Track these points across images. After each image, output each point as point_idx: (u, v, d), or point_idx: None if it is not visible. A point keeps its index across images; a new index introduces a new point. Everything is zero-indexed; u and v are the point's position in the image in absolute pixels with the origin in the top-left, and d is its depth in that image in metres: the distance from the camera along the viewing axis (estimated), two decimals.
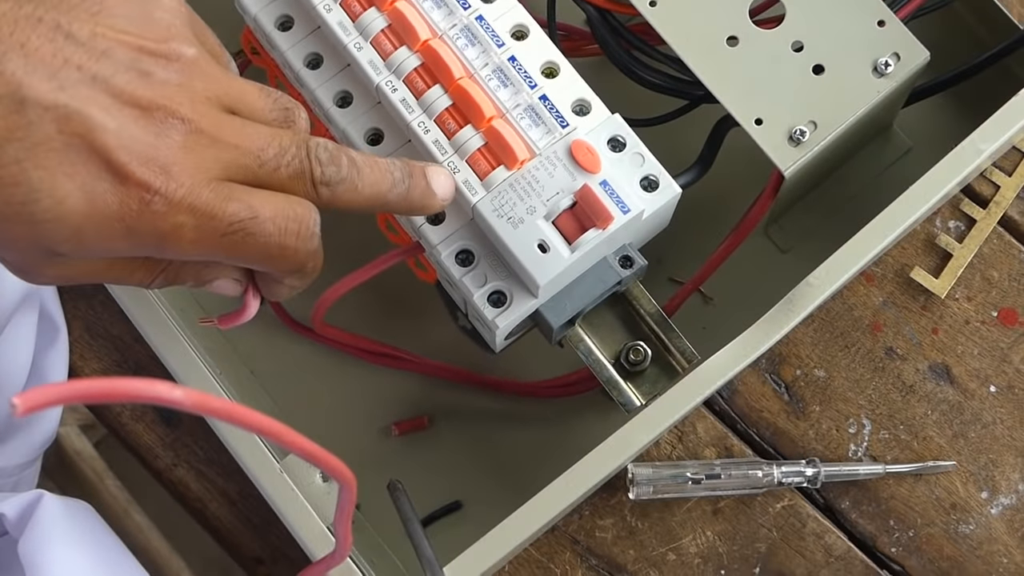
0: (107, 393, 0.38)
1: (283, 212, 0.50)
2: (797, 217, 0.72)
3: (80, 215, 0.46)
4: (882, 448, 0.69)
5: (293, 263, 0.52)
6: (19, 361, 0.69)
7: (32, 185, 0.46)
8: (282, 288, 0.55)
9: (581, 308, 0.61)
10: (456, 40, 0.61)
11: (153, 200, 0.47)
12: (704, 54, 0.64)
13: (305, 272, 0.54)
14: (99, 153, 0.46)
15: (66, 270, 0.50)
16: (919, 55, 0.64)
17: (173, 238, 0.48)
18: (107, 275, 0.52)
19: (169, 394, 0.38)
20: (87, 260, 0.50)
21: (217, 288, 0.55)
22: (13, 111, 0.45)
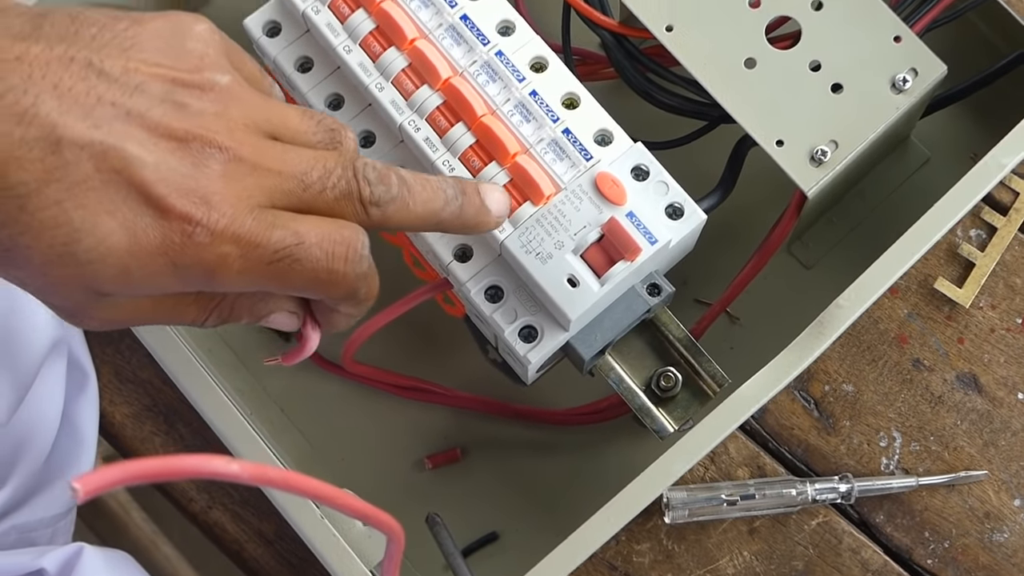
0: (166, 472, 0.38)
1: (329, 236, 0.49)
2: (819, 232, 0.72)
3: (124, 252, 0.46)
4: (914, 460, 0.69)
5: (344, 288, 0.51)
6: (51, 409, 0.69)
7: (74, 225, 0.45)
8: (338, 317, 0.54)
9: (611, 338, 0.61)
10: (477, 77, 0.61)
11: (195, 232, 0.46)
12: (722, 78, 0.64)
13: (358, 298, 0.52)
14: (138, 188, 0.46)
15: (116, 312, 0.49)
16: (936, 69, 0.64)
17: (220, 269, 0.48)
18: (158, 315, 0.51)
19: (227, 468, 0.39)
20: (136, 300, 0.49)
21: (274, 322, 0.54)
22: (50, 152, 0.45)
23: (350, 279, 0.50)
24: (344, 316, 0.54)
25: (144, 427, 0.72)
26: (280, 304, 0.53)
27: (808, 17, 0.64)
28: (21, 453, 0.68)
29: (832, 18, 0.64)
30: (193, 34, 0.49)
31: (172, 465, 0.38)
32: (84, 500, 0.37)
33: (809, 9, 0.65)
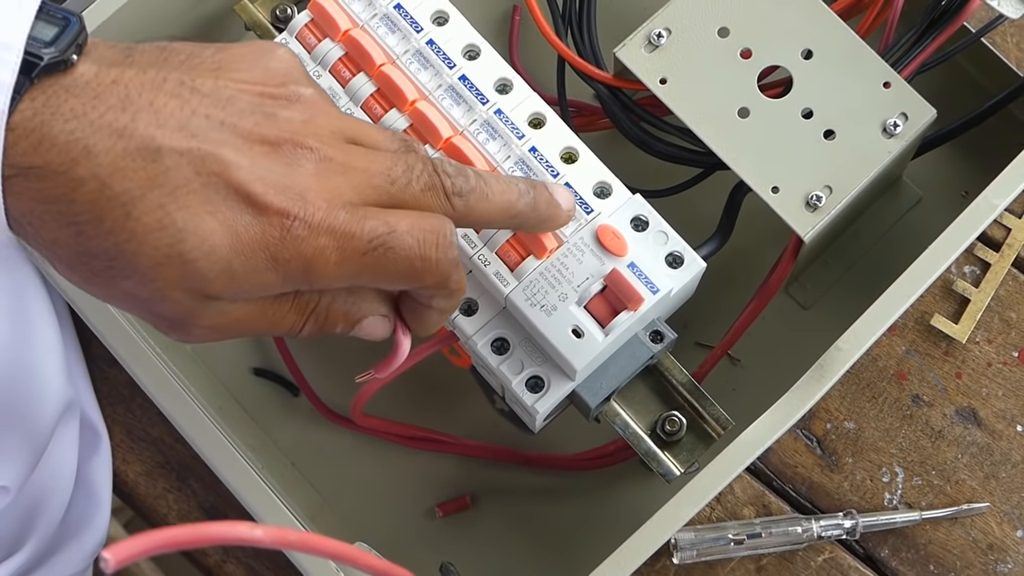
0: (193, 539, 0.39)
1: (419, 225, 0.51)
2: (816, 274, 0.73)
3: (227, 248, 0.48)
4: (916, 495, 0.70)
5: (436, 276, 0.52)
6: (65, 471, 0.70)
7: (177, 227, 0.47)
8: (431, 314, 0.55)
9: (616, 386, 0.62)
10: (477, 135, 0.62)
11: (293, 225, 0.48)
12: (717, 127, 0.65)
13: (450, 288, 0.54)
14: (236, 188, 0.48)
15: (220, 318, 0.50)
16: (926, 113, 0.65)
17: (318, 262, 0.49)
18: (259, 322, 0.52)
19: (250, 534, 0.40)
20: (239, 305, 0.50)
21: (367, 329, 0.55)
22: (150, 161, 0.47)
23: (443, 266, 0.52)
24: (437, 312, 0.55)
25: (157, 484, 0.73)
26: (373, 307, 0.54)
27: (798, 66, 0.66)
28: (37, 515, 0.69)
29: (822, 66, 0.66)
30: (275, 56, 0.52)
31: (198, 533, 0.40)
32: (115, 569, 0.38)
33: (799, 58, 0.66)
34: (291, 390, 0.73)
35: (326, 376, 0.73)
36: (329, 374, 0.73)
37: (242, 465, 0.65)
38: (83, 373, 0.74)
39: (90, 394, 0.73)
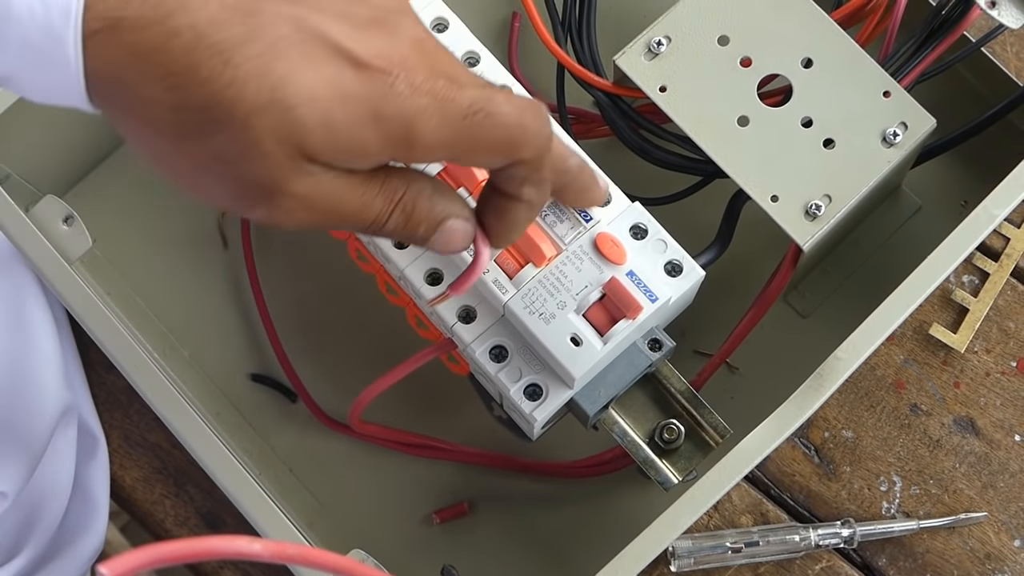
0: (191, 554, 0.39)
1: (515, 97, 0.51)
2: (815, 282, 0.73)
3: (328, 98, 0.46)
4: (914, 504, 0.70)
5: (533, 148, 0.51)
6: (62, 476, 0.70)
7: (278, 74, 0.45)
8: (518, 210, 0.54)
9: (615, 394, 0.62)
10: None
11: (396, 83, 0.47)
12: (717, 136, 0.65)
13: (542, 174, 0.52)
14: (336, 47, 0.47)
15: (311, 188, 0.48)
16: (926, 123, 0.65)
17: (419, 123, 0.48)
18: (349, 200, 0.49)
19: (249, 548, 0.40)
20: (331, 177, 0.48)
21: (447, 234, 0.53)
22: (248, 15, 0.46)
23: (540, 138, 0.51)
24: (525, 208, 0.53)
25: (154, 490, 0.73)
26: (456, 207, 0.53)
27: (798, 74, 0.66)
28: (35, 521, 0.69)
29: (822, 75, 0.66)
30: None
31: (197, 547, 0.39)
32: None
33: (799, 67, 0.66)
34: (289, 396, 0.73)
35: (324, 383, 0.73)
36: (327, 381, 0.73)
37: (239, 471, 0.65)
38: (81, 378, 0.74)
39: (88, 399, 0.74)
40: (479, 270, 0.55)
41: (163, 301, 0.75)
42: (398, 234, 0.52)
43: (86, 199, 0.75)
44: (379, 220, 0.51)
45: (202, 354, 0.74)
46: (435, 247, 0.53)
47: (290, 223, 0.49)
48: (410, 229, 0.52)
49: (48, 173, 0.73)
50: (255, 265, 0.74)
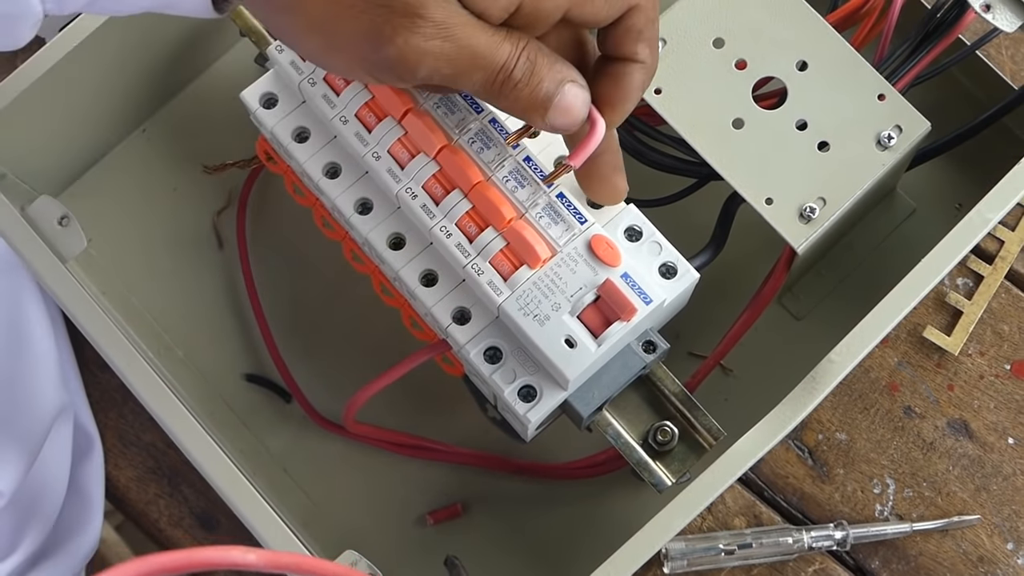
0: (184, 565, 0.39)
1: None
2: (809, 284, 0.73)
3: None
4: (907, 506, 0.70)
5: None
6: (58, 475, 0.70)
7: None
8: (635, 71, 0.54)
9: (609, 396, 0.62)
10: (471, 144, 0.62)
11: None
12: (711, 138, 0.65)
13: (655, 18, 0.53)
14: None
15: (447, 17, 0.49)
16: (920, 126, 0.65)
17: None
18: (480, 37, 0.50)
19: (243, 558, 0.40)
20: (465, 14, 0.49)
21: (568, 99, 0.52)
22: None
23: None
24: (640, 69, 0.54)
25: (148, 490, 0.73)
26: (575, 73, 0.53)
27: (793, 77, 0.66)
28: (31, 519, 0.69)
29: (817, 78, 0.66)
30: None
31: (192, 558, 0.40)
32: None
33: (794, 70, 0.66)
34: (283, 397, 0.73)
35: (319, 383, 0.73)
36: (322, 381, 0.73)
37: (233, 471, 0.65)
38: (76, 378, 0.74)
39: (83, 399, 0.74)
40: (596, 137, 0.55)
41: (158, 301, 0.75)
42: (522, 89, 0.52)
43: (82, 199, 0.76)
44: (508, 64, 0.51)
45: (197, 354, 0.74)
46: (554, 116, 0.53)
47: (423, 60, 0.49)
48: (533, 84, 0.52)
49: (44, 173, 0.73)
50: (250, 265, 0.74)
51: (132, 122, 0.76)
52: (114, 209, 0.76)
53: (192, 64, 0.76)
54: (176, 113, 0.77)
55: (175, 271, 0.75)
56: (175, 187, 0.76)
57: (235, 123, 0.70)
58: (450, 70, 0.50)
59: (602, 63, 0.55)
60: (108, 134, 0.76)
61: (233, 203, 0.75)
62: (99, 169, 0.76)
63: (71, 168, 0.76)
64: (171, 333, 0.74)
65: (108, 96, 0.73)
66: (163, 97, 0.76)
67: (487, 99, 0.53)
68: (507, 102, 0.52)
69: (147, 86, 0.74)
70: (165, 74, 0.75)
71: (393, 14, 0.48)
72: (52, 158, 0.74)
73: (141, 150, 0.77)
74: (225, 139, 0.74)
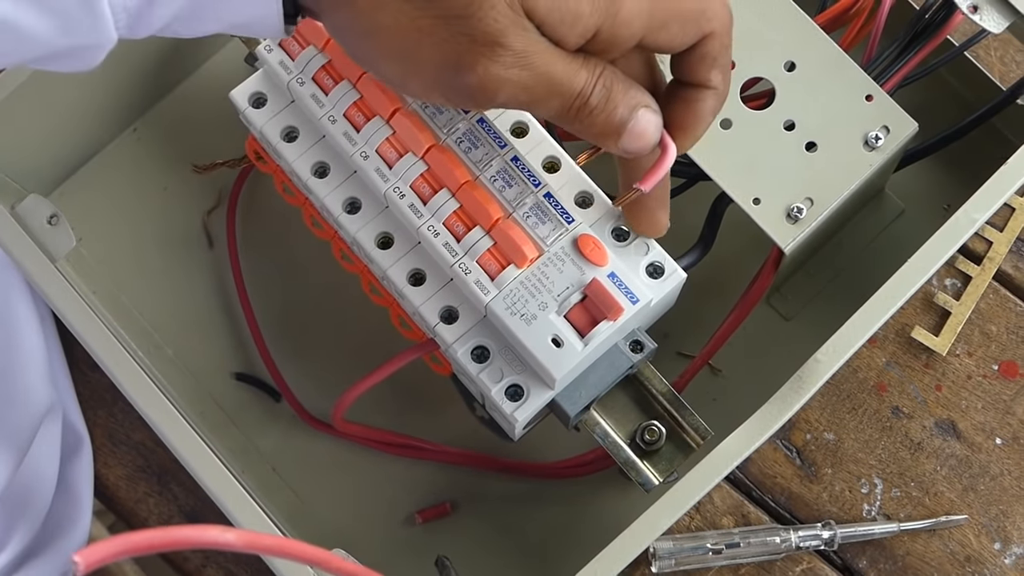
0: (163, 543, 0.39)
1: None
2: (798, 284, 0.73)
3: None
4: (895, 506, 0.70)
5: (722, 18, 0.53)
6: (48, 473, 0.71)
7: None
8: (707, 97, 0.55)
9: (596, 395, 0.63)
10: (459, 143, 0.62)
11: None
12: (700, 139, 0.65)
13: (728, 44, 0.54)
14: None
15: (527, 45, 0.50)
16: (908, 126, 0.65)
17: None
18: (558, 65, 0.51)
19: (222, 538, 0.40)
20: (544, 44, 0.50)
21: (641, 124, 0.53)
22: None
23: (727, 9, 0.54)
24: (713, 95, 0.55)
25: (138, 488, 0.73)
26: (648, 99, 0.54)
27: (781, 78, 0.66)
28: (19, 516, 0.69)
29: (805, 79, 0.66)
30: None
31: (169, 537, 0.40)
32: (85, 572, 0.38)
33: (782, 70, 0.66)
34: (273, 396, 0.74)
35: (308, 382, 0.73)
36: (311, 380, 0.73)
37: (220, 469, 0.65)
38: (66, 376, 0.74)
39: (72, 397, 0.74)
40: (668, 162, 0.55)
41: (148, 300, 0.75)
42: (598, 115, 0.53)
43: (72, 198, 0.76)
44: (584, 91, 0.52)
45: (186, 353, 0.74)
46: (627, 140, 0.54)
47: (502, 88, 0.50)
48: (609, 109, 0.52)
49: (34, 172, 0.73)
50: (240, 264, 0.74)
51: (123, 121, 0.76)
52: (105, 208, 0.76)
53: (183, 64, 0.76)
54: (167, 113, 0.77)
55: (165, 270, 0.75)
56: (165, 186, 0.76)
57: (225, 123, 0.70)
58: (527, 97, 0.51)
59: (674, 88, 0.55)
60: (99, 133, 0.76)
61: (223, 202, 0.75)
62: (90, 168, 0.77)
63: (62, 167, 0.76)
64: (161, 332, 0.74)
65: (99, 95, 0.74)
66: (154, 97, 0.77)
67: (562, 124, 0.53)
68: (582, 127, 0.53)
69: (138, 86, 0.75)
70: (156, 74, 0.75)
71: (474, 43, 0.49)
72: (43, 157, 0.74)
73: (132, 149, 0.77)
74: (215, 138, 0.74)
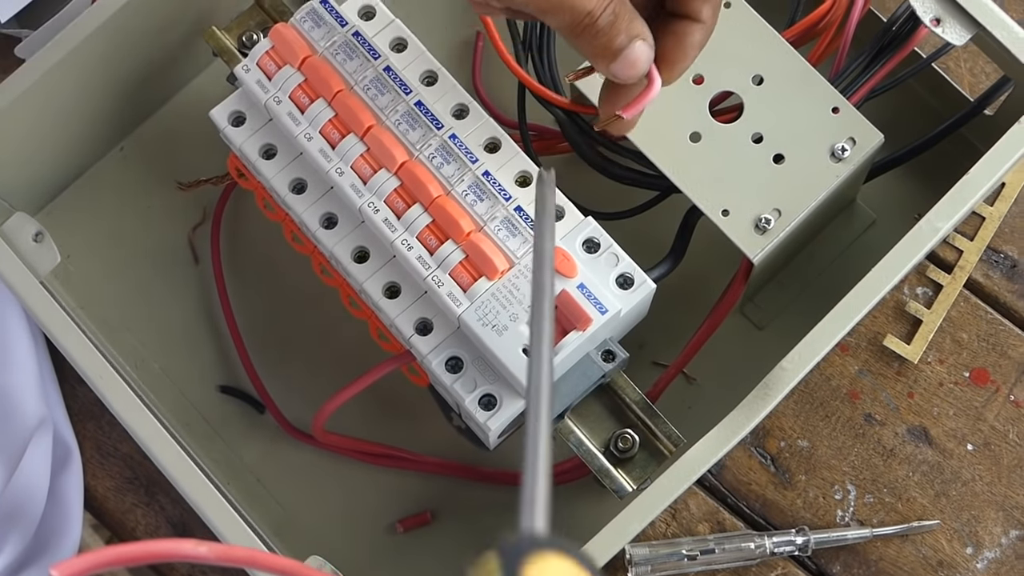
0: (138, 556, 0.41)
1: None
2: (771, 294, 0.74)
3: None
4: (868, 512, 0.71)
5: None
6: (38, 484, 0.72)
7: None
8: (695, 31, 0.59)
9: (569, 404, 0.64)
10: (432, 159, 0.64)
11: None
12: (669, 152, 0.67)
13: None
14: None
15: None
16: (873, 138, 0.67)
17: None
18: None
19: (195, 551, 0.41)
20: None
21: (636, 51, 0.57)
22: None
23: None
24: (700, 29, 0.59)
25: (126, 499, 0.75)
26: (647, 33, 0.57)
27: (750, 91, 0.67)
28: (11, 528, 0.71)
29: (773, 92, 0.67)
30: None
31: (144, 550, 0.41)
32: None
33: (750, 84, 0.68)
34: (257, 408, 0.75)
35: (291, 394, 0.74)
36: (294, 392, 0.74)
37: (204, 482, 0.65)
38: (56, 390, 0.76)
39: (62, 411, 0.75)
40: (652, 94, 0.59)
41: (136, 315, 0.76)
42: (600, 37, 0.57)
43: (61, 215, 0.77)
44: (594, 12, 0.56)
45: (173, 367, 0.76)
46: (619, 66, 0.58)
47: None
48: (611, 34, 0.57)
49: (22, 189, 0.75)
50: (224, 280, 0.75)
51: (110, 140, 0.78)
52: (93, 225, 0.77)
53: (168, 83, 0.78)
54: (153, 131, 0.79)
55: (152, 285, 0.77)
56: (152, 204, 0.78)
57: (210, 141, 0.71)
58: (545, 3, 0.56)
59: (664, 21, 0.59)
60: (86, 152, 0.77)
61: (208, 219, 0.77)
62: (79, 185, 0.78)
63: (51, 185, 0.77)
64: (148, 346, 0.76)
65: (86, 115, 0.75)
66: (140, 116, 0.78)
67: (567, 37, 0.58)
68: (583, 44, 0.57)
69: (125, 105, 0.76)
70: (141, 93, 0.76)
71: None
72: (32, 174, 0.75)
73: (119, 167, 0.78)
74: (200, 156, 0.76)
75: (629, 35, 0.57)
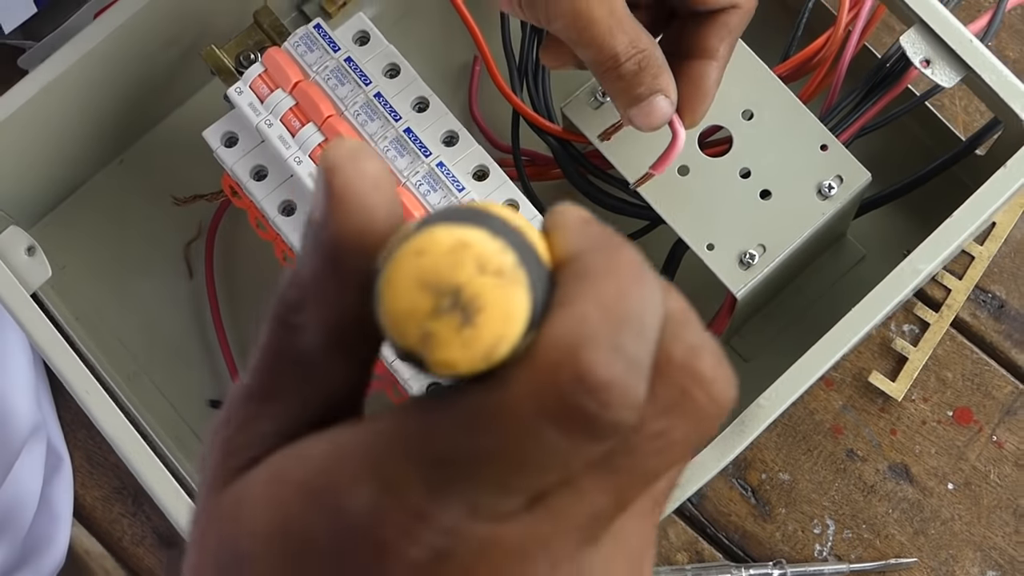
0: None
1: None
2: (758, 326, 0.75)
3: None
4: (846, 547, 0.72)
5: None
6: (30, 491, 0.73)
7: None
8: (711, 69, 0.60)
9: None
10: (419, 187, 0.64)
11: None
12: (657, 184, 0.67)
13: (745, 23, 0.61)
14: None
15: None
16: (861, 177, 0.67)
17: None
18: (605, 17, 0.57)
19: None
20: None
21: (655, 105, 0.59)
22: None
23: None
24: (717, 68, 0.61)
25: (113, 509, 0.76)
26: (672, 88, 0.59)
27: (739, 126, 0.68)
28: (2, 533, 0.72)
29: (762, 128, 0.68)
30: None
31: None
32: None
33: (740, 119, 0.68)
34: None
35: None
36: None
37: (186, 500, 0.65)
38: (49, 399, 0.77)
39: (55, 420, 0.76)
40: (677, 149, 0.61)
41: (129, 328, 0.77)
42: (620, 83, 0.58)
43: (58, 228, 0.78)
44: (619, 57, 0.57)
45: (165, 381, 0.76)
46: (635, 114, 0.59)
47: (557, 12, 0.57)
48: (633, 83, 0.58)
49: (18, 202, 0.76)
50: (217, 295, 0.76)
51: (109, 154, 0.79)
52: (89, 237, 0.78)
53: (166, 100, 0.79)
54: (150, 146, 0.79)
55: (146, 299, 0.77)
56: (148, 218, 0.78)
57: (206, 157, 0.72)
58: (575, 35, 0.57)
59: (679, 64, 0.60)
60: (84, 166, 0.78)
61: (203, 234, 0.77)
62: (76, 198, 0.79)
63: (48, 198, 0.78)
64: (140, 360, 0.77)
65: (84, 129, 0.76)
66: (138, 131, 0.79)
67: (592, 72, 0.60)
68: (604, 82, 0.59)
69: (123, 120, 0.77)
70: (140, 109, 0.77)
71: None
72: (27, 188, 0.76)
73: (117, 181, 0.79)
74: (197, 172, 0.76)
75: (651, 89, 0.58)
